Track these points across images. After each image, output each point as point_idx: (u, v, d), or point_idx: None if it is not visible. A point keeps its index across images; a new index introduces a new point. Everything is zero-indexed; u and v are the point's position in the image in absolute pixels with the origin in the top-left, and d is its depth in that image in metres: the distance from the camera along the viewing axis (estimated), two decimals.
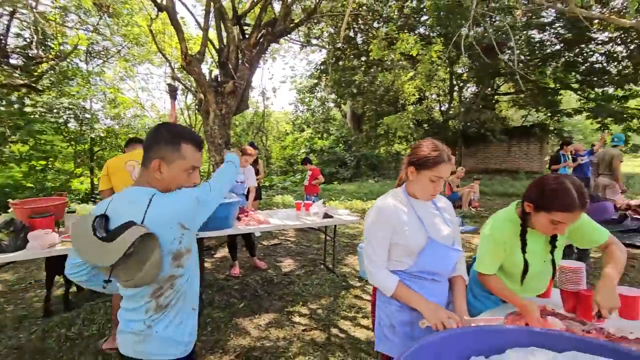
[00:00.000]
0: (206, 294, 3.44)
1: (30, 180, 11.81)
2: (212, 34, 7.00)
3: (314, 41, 16.32)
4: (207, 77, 6.27)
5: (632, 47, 12.18)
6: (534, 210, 1.37)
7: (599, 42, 13.05)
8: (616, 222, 5.49)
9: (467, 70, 16.49)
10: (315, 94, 18.62)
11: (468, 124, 14.71)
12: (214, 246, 5.20)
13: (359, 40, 15.54)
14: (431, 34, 13.84)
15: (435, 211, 1.47)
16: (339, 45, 15.27)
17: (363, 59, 14.88)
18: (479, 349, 0.90)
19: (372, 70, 14.96)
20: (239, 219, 3.55)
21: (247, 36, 6.64)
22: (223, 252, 4.97)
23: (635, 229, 5.35)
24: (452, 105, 17.10)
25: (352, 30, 15.17)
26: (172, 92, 5.79)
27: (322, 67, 16.55)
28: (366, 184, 13.09)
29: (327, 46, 15.49)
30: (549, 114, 15.86)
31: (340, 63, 15.79)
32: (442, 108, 17.93)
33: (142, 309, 1.15)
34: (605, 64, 13.27)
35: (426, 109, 14.22)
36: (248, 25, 7.21)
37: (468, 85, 17.70)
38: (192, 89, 8.72)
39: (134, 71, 14.56)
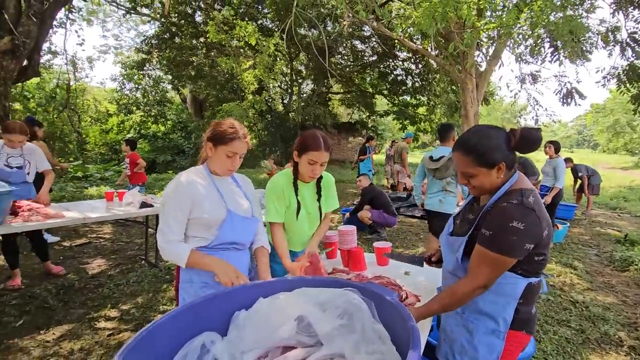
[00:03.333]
0: None
1: None
2: None
3: (144, 10, 14.28)
4: None
5: (420, 66, 15.88)
6: (298, 156, 1.67)
7: (400, 59, 16.45)
8: (404, 200, 7.09)
9: (305, 67, 17.88)
10: (147, 71, 16.35)
11: (306, 117, 16.00)
12: None
13: (198, 19, 14.51)
14: (274, 28, 14.26)
15: (235, 187, 1.53)
16: (174, 20, 13.87)
17: (202, 40, 13.99)
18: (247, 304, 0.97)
19: (212, 53, 14.27)
20: (15, 214, 2.75)
21: None
22: None
23: (414, 204, 7.04)
24: (292, 99, 18.24)
25: (190, 7, 14.03)
26: None
27: (153, 42, 14.65)
28: None
29: (160, 18, 13.81)
30: (367, 114, 19.00)
31: (177, 40, 14.38)
32: (285, 101, 18.91)
33: None
34: (404, 77, 16.88)
35: (266, 99, 14.62)
36: None
37: (307, 82, 19.25)
38: None
39: None
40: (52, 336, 2.42)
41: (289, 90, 18.24)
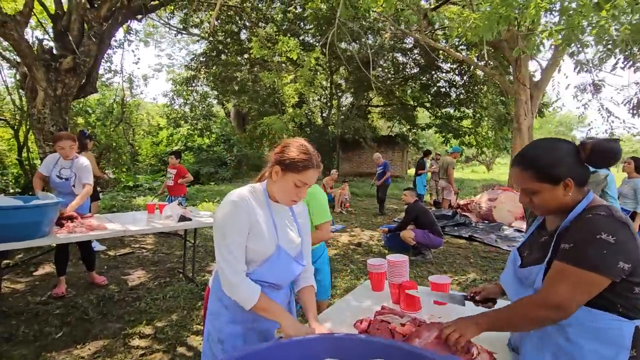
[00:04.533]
0: (5, 326, 2.60)
1: None
2: None
3: (195, 30, 15.12)
4: (36, 48, 4.98)
5: (465, 77, 15.22)
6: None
7: (444, 70, 15.91)
8: (449, 218, 6.61)
9: (345, 81, 17.89)
10: (195, 87, 17.24)
11: (345, 130, 15.90)
12: (21, 261, 4.06)
13: (242, 36, 15.10)
14: (315, 43, 14.46)
15: (290, 217, 1.33)
16: (221, 38, 14.54)
17: (246, 56, 14.49)
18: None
19: (255, 69, 14.72)
20: (61, 225, 2.81)
21: (96, 6, 5.53)
22: (49, 267, 3.95)
23: (462, 222, 6.53)
24: (332, 112, 18.27)
25: (235, 26, 14.64)
26: None
27: (202, 59, 15.45)
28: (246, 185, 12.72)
29: (207, 37, 14.54)
30: (408, 127, 18.49)
31: (223, 57, 15.04)
32: (324, 115, 19.00)
33: None
34: (448, 89, 16.26)
35: (305, 112, 14.74)
36: None
37: (346, 95, 19.24)
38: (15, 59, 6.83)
39: None
40: (88, 352, 2.38)
41: (329, 104, 18.31)
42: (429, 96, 16.88)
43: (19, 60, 5.32)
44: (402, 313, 1.27)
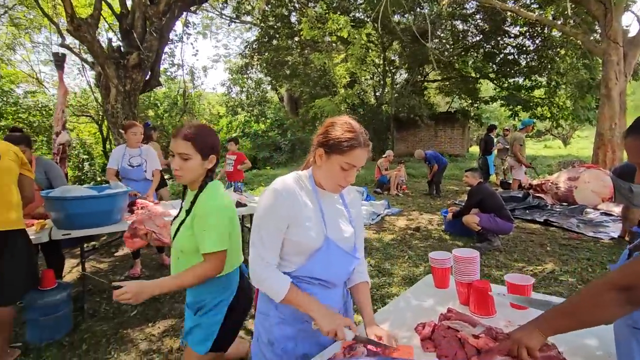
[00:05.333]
0: (91, 303, 2.91)
1: None
2: None
3: (247, 18, 15.37)
4: (106, 47, 5.38)
5: (537, 41, 13.47)
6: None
7: (512, 35, 14.22)
8: (520, 200, 5.98)
9: (398, 57, 16.97)
10: (249, 74, 17.70)
11: (399, 109, 15.17)
12: (104, 244, 4.51)
13: (292, 19, 14.99)
14: (365, 19, 13.84)
15: (341, 206, 1.21)
16: (272, 23, 14.59)
17: (297, 39, 14.40)
18: None
19: (306, 51, 14.59)
20: (131, 211, 3.03)
21: (155, 2, 5.79)
22: (126, 249, 4.35)
23: (535, 205, 5.88)
24: (385, 91, 17.54)
25: (285, 9, 14.55)
26: (58, 61, 4.86)
27: (254, 46, 15.72)
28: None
29: (259, 23, 14.70)
30: (470, 101, 17.06)
31: (274, 42, 15.14)
32: (377, 94, 18.32)
33: None
34: (516, 56, 14.55)
35: (357, 92, 14.31)
36: None
37: (400, 71, 18.28)
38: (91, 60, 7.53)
39: (27, 38, 12.34)
40: (158, 330, 2.57)
41: (382, 82, 17.57)
42: (494, 66, 15.30)
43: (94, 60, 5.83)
44: (473, 320, 1.09)
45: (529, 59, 14.20)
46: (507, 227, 4.22)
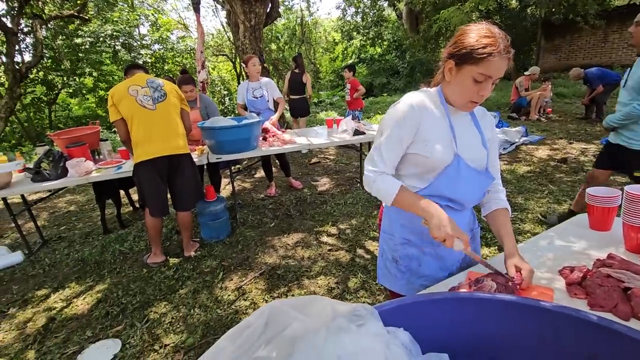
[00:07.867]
0: (241, 214, 3.57)
1: (102, 110, 12.88)
2: None
3: None
4: None
5: None
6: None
7: None
8: None
9: None
10: None
11: (553, 9, 11.86)
12: (246, 167, 5.26)
13: None
14: None
15: (473, 127, 1.11)
16: None
17: None
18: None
19: None
20: (264, 139, 3.42)
21: None
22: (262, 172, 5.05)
23: None
24: None
25: None
26: (195, 3, 5.38)
27: None
28: None
29: None
30: None
31: None
32: None
33: None
34: None
35: None
36: None
37: None
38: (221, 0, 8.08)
39: None
40: (291, 240, 3.02)
41: None
42: None
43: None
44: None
45: None
46: None
